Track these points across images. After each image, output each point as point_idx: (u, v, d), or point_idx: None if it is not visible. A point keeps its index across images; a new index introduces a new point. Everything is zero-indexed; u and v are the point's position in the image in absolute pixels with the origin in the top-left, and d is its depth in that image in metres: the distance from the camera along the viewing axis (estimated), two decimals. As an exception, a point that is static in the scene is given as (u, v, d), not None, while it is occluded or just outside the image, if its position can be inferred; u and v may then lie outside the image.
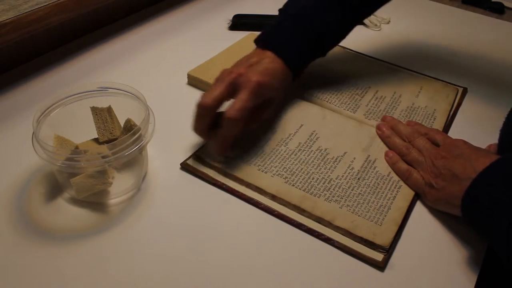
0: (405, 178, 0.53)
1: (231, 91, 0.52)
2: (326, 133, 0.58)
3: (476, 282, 0.44)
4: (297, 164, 0.54)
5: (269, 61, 0.56)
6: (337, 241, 0.46)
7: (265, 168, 0.53)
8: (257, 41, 0.60)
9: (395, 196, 0.51)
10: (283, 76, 0.57)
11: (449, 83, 0.70)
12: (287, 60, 0.57)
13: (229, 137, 0.52)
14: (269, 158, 0.54)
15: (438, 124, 0.62)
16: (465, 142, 0.51)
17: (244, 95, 0.51)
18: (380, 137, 0.58)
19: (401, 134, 0.57)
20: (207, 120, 0.52)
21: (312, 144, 0.57)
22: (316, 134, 0.58)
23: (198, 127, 0.53)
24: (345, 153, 0.56)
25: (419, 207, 0.51)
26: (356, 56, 0.75)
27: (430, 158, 0.51)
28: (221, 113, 0.51)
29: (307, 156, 0.55)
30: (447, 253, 0.46)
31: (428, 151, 0.52)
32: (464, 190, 0.44)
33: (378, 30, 0.82)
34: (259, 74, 0.53)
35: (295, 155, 0.55)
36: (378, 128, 0.59)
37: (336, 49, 0.75)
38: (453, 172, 0.47)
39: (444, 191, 0.48)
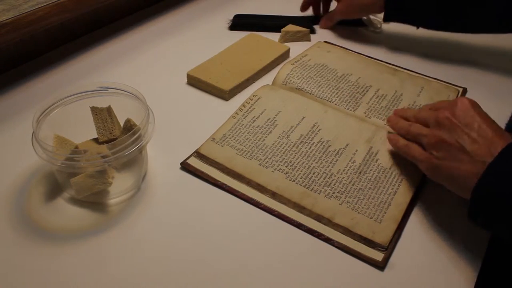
0: (405, 152, 0.51)
1: None
2: (328, 125, 0.58)
3: (476, 282, 0.44)
4: (298, 157, 0.54)
5: None
6: (336, 241, 0.46)
7: (266, 163, 0.53)
8: None
9: (396, 191, 0.51)
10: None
11: (450, 83, 0.70)
12: None
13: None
14: (271, 152, 0.54)
15: (438, 124, 0.61)
16: (474, 109, 0.47)
17: None
18: (389, 126, 0.56)
19: (409, 117, 0.54)
20: None
21: (314, 136, 0.57)
22: (318, 126, 0.58)
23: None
24: (347, 145, 0.55)
25: (419, 205, 0.51)
26: (357, 57, 0.75)
27: (435, 119, 0.48)
28: None
29: (309, 148, 0.55)
30: (447, 253, 0.46)
31: (433, 116, 0.49)
32: (476, 174, 0.42)
33: (379, 31, 0.82)
34: None
35: (296, 147, 0.55)
36: (387, 120, 0.57)
37: (336, 49, 0.75)
38: (461, 145, 0.44)
39: (449, 164, 0.45)
